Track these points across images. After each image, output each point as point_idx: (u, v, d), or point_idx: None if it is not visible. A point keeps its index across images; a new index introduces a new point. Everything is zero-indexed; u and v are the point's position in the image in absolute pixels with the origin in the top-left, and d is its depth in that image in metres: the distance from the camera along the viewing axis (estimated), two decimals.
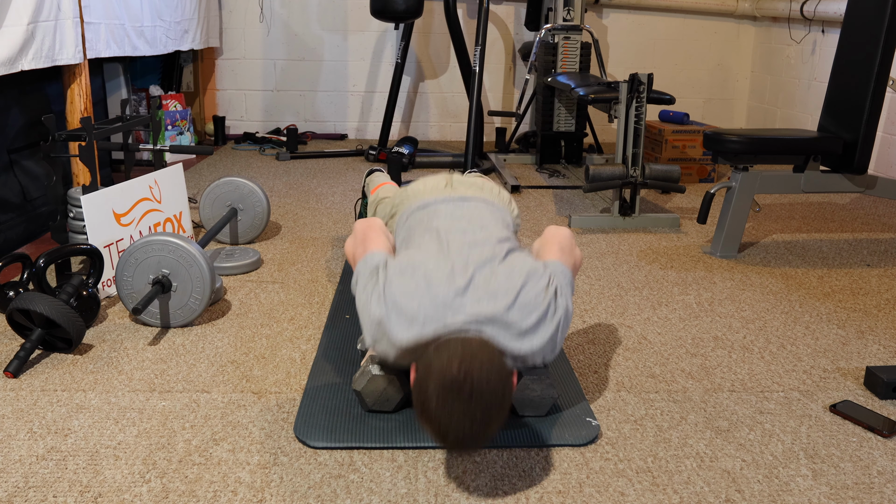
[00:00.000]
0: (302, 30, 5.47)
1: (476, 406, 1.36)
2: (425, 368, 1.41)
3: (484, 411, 1.37)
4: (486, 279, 1.60)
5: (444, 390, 1.36)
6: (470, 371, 1.37)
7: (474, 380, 1.36)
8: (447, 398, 1.36)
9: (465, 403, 1.35)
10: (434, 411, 1.37)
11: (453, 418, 1.36)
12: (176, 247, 2.15)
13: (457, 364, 1.37)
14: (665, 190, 3.59)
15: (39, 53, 2.73)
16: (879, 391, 1.86)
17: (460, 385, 1.35)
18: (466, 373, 1.36)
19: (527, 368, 1.68)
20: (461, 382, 1.36)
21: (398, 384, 1.70)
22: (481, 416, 1.37)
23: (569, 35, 4.59)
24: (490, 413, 1.37)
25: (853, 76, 2.90)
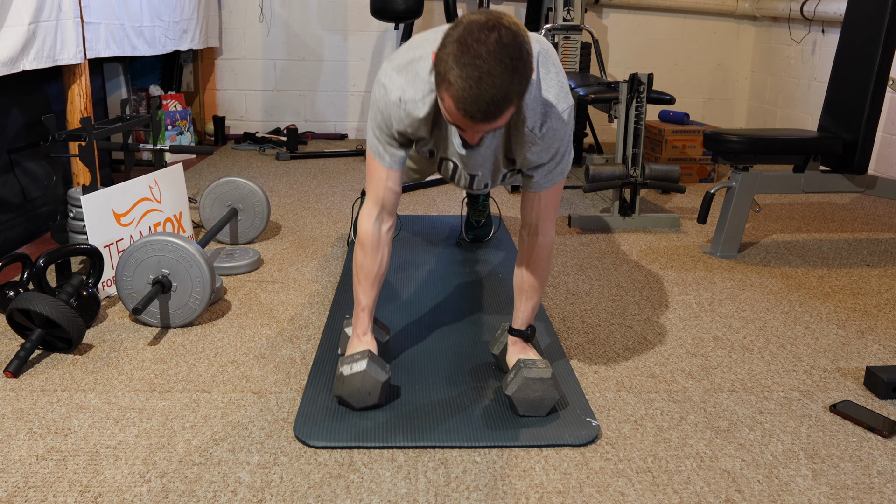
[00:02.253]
0: (302, 30, 5.47)
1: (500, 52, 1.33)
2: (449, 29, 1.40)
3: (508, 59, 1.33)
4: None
5: (470, 30, 1.34)
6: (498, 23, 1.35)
7: (502, 27, 1.34)
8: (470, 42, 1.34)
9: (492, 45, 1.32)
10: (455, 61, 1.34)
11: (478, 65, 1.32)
12: (176, 247, 2.15)
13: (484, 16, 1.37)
14: (665, 190, 3.59)
15: (40, 53, 2.73)
16: (879, 391, 1.86)
17: (487, 30, 1.34)
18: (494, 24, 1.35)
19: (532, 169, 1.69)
20: (488, 28, 1.34)
21: (371, 375, 1.69)
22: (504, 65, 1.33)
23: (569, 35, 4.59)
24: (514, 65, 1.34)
25: (853, 76, 2.90)
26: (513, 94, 1.37)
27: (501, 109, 1.37)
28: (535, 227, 1.80)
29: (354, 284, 1.82)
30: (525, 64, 1.37)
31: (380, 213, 1.78)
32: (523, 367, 1.71)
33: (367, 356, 1.72)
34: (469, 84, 1.34)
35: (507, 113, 1.40)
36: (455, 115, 1.41)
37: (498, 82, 1.34)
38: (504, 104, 1.37)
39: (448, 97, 1.38)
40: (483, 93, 1.34)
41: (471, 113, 1.37)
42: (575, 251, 3.02)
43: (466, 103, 1.35)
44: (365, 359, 1.71)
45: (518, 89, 1.37)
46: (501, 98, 1.35)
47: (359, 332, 1.83)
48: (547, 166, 1.70)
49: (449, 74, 1.36)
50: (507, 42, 1.35)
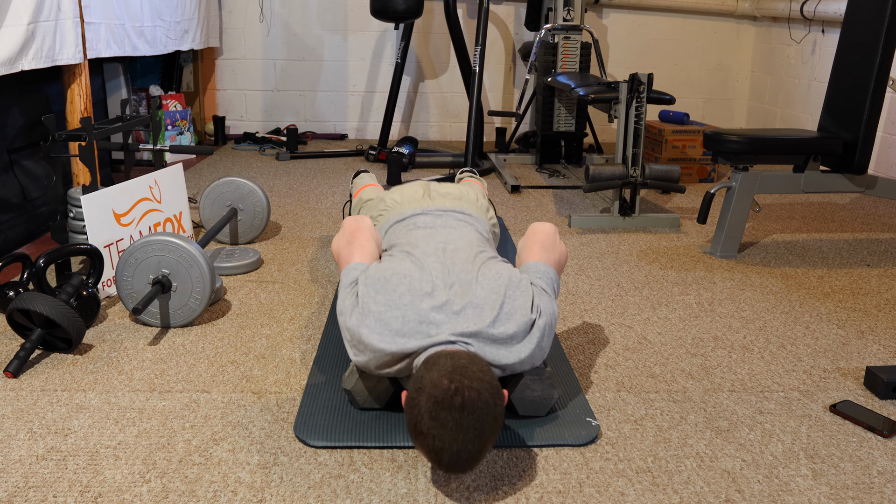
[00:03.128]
0: (302, 30, 5.47)
1: (468, 419, 1.35)
2: (416, 386, 1.41)
3: (476, 424, 1.36)
4: (467, 292, 1.62)
5: (435, 405, 1.36)
6: (461, 385, 1.37)
7: (465, 393, 1.36)
8: (439, 412, 1.35)
9: (457, 416, 1.35)
10: (426, 428, 1.36)
11: (446, 433, 1.35)
12: (176, 247, 2.15)
13: (447, 379, 1.38)
14: (665, 190, 3.59)
15: (40, 53, 2.73)
16: (879, 391, 1.86)
17: (451, 399, 1.35)
18: (458, 387, 1.36)
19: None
20: (452, 395, 1.36)
21: (387, 381, 1.71)
22: (474, 430, 1.36)
23: (569, 35, 4.59)
24: (483, 426, 1.37)
25: (853, 76, 2.90)
26: (486, 447, 1.40)
27: (475, 463, 1.40)
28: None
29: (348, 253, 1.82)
30: (494, 419, 1.39)
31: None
32: None
33: None
34: (440, 444, 1.36)
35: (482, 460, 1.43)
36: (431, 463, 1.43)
37: (471, 446, 1.37)
38: (479, 458, 1.40)
39: (421, 447, 1.40)
40: (457, 455, 1.37)
41: (445, 467, 1.40)
42: (575, 251, 3.02)
43: (443, 463, 1.38)
44: None
45: (489, 443, 1.40)
46: (476, 455, 1.38)
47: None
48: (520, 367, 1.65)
49: (420, 424, 1.37)
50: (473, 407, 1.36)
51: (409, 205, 2.04)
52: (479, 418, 1.36)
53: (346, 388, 1.72)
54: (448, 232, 1.83)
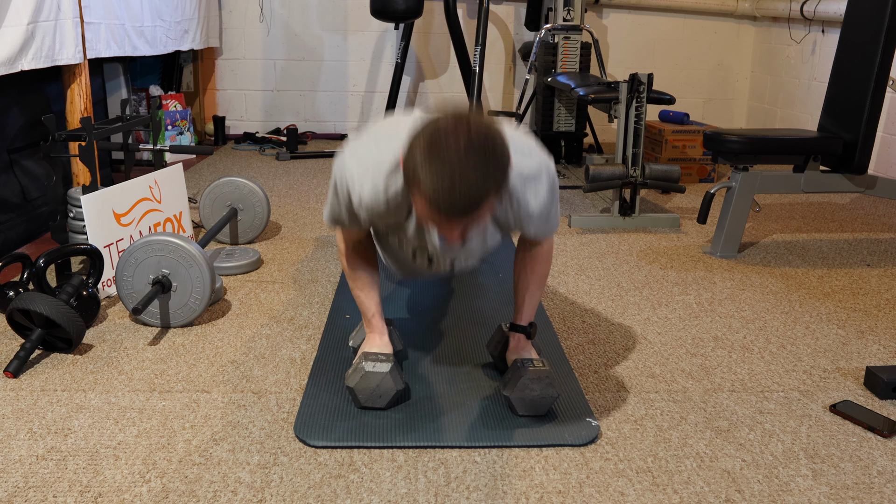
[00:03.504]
0: (302, 30, 5.47)
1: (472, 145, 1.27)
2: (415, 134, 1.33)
3: (480, 151, 1.28)
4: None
5: (435, 133, 1.29)
6: (464, 118, 1.30)
7: (469, 122, 1.29)
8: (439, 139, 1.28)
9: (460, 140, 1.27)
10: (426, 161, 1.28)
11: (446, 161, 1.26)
12: (176, 247, 2.14)
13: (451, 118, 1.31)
14: (665, 190, 3.59)
15: (39, 53, 2.73)
16: (879, 391, 1.86)
17: (454, 126, 1.28)
18: (460, 119, 1.30)
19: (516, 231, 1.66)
20: (455, 124, 1.29)
21: (391, 381, 1.70)
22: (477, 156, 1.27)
23: (569, 35, 4.59)
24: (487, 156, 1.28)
25: (853, 76, 2.90)
26: (489, 190, 1.31)
27: (479, 204, 1.31)
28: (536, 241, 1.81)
29: (356, 295, 1.83)
30: (499, 158, 1.31)
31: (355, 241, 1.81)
32: (521, 366, 1.71)
33: (392, 360, 1.73)
34: (442, 183, 1.27)
35: (486, 208, 1.34)
36: (430, 214, 1.34)
37: (472, 179, 1.28)
38: (481, 200, 1.30)
39: (421, 198, 1.31)
40: (458, 190, 1.28)
41: (447, 210, 1.30)
42: (575, 251, 3.02)
43: (441, 202, 1.29)
44: (390, 363, 1.72)
45: (494, 184, 1.31)
46: (478, 194, 1.29)
47: (375, 334, 1.83)
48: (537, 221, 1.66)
49: (420, 174, 1.30)
50: (478, 138, 1.29)
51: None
52: (482, 147, 1.28)
53: (349, 386, 1.72)
54: None
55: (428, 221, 1.37)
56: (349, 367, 1.94)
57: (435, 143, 1.29)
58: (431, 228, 1.56)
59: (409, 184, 1.34)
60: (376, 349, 1.80)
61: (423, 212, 1.35)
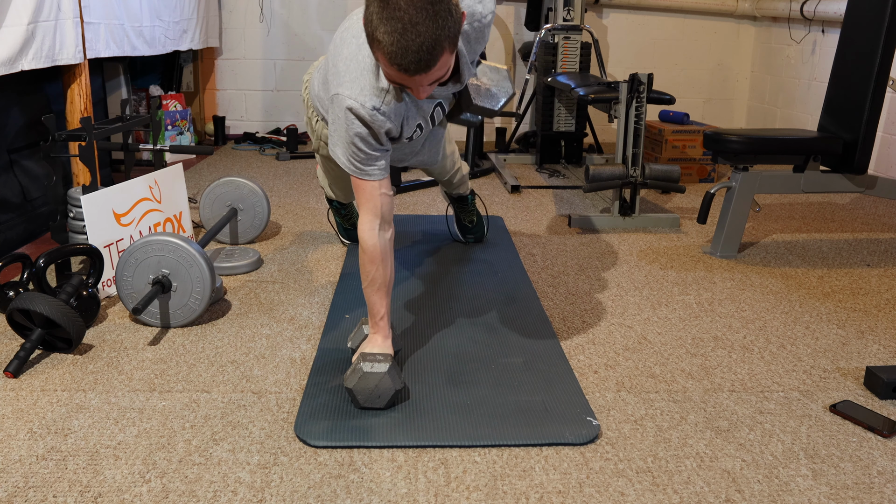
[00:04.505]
0: (302, 30, 5.47)
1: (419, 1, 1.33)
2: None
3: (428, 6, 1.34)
4: None
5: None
6: None
7: None
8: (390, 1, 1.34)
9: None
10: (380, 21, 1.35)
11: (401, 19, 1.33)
12: (176, 247, 2.15)
13: None
14: (665, 190, 3.59)
15: (39, 53, 2.73)
16: (879, 391, 1.86)
17: None
18: None
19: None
20: None
21: (389, 381, 1.70)
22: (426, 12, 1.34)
23: (569, 35, 4.59)
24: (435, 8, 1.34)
25: (853, 76, 2.90)
26: (442, 38, 1.36)
27: (434, 56, 1.36)
28: None
29: (369, 294, 1.83)
30: (447, 6, 1.36)
31: (380, 223, 1.80)
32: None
33: (389, 361, 1.73)
34: (395, 37, 1.34)
35: (443, 61, 1.40)
36: (392, 72, 1.41)
37: (422, 29, 1.33)
38: (435, 51, 1.36)
39: (381, 56, 1.38)
40: (411, 43, 1.34)
41: (404, 66, 1.37)
42: (575, 251, 3.02)
43: (398, 57, 1.35)
44: (388, 363, 1.72)
45: (447, 33, 1.37)
46: (430, 45, 1.35)
47: (379, 335, 1.84)
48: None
49: (376, 33, 1.37)
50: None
51: None
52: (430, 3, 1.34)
53: (348, 387, 1.72)
54: None
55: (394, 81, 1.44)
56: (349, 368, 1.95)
57: (386, 4, 1.35)
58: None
59: (371, 45, 1.40)
60: (376, 350, 1.80)
61: (386, 69, 1.42)
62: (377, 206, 1.78)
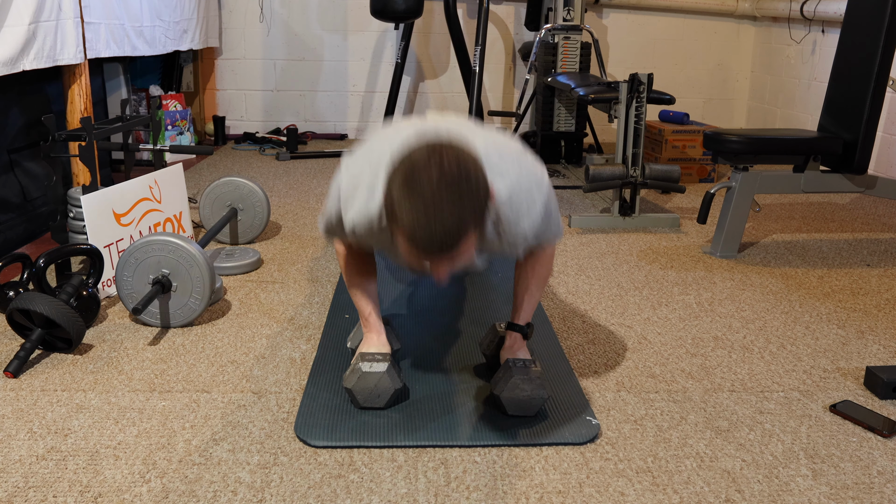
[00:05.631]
0: (302, 30, 5.47)
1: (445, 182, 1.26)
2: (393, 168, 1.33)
3: (455, 188, 1.26)
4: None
5: (411, 170, 1.27)
6: (440, 150, 1.29)
7: (443, 155, 1.28)
8: (414, 176, 1.27)
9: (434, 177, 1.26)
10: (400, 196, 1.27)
11: (421, 200, 1.25)
12: (176, 247, 2.15)
13: (425, 150, 1.30)
14: (665, 190, 3.59)
15: (41, 53, 2.73)
16: (879, 391, 1.86)
17: (427, 161, 1.27)
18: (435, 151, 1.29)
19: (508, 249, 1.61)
20: (428, 158, 1.27)
21: (388, 380, 1.70)
22: (452, 195, 1.26)
23: (569, 35, 4.59)
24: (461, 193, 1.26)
25: (853, 76, 2.90)
26: (467, 223, 1.28)
27: (458, 241, 1.28)
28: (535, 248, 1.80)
29: (353, 294, 1.83)
30: (474, 187, 1.29)
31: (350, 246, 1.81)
32: (513, 366, 1.71)
33: (388, 360, 1.73)
34: (419, 220, 1.26)
35: (467, 243, 1.32)
36: (412, 254, 1.32)
37: (447, 214, 1.26)
38: (459, 235, 1.28)
39: (401, 236, 1.31)
40: (435, 227, 1.26)
41: (426, 248, 1.28)
42: (575, 251, 3.02)
43: (419, 240, 1.28)
44: (387, 362, 1.72)
45: (472, 216, 1.29)
46: (455, 229, 1.27)
47: (373, 334, 1.83)
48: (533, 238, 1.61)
49: (397, 210, 1.29)
50: (450, 169, 1.28)
51: None
52: (457, 183, 1.26)
53: (347, 387, 1.72)
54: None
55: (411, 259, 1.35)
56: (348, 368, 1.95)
57: (409, 180, 1.28)
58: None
59: (389, 220, 1.33)
60: (373, 349, 1.80)
61: (404, 249, 1.34)
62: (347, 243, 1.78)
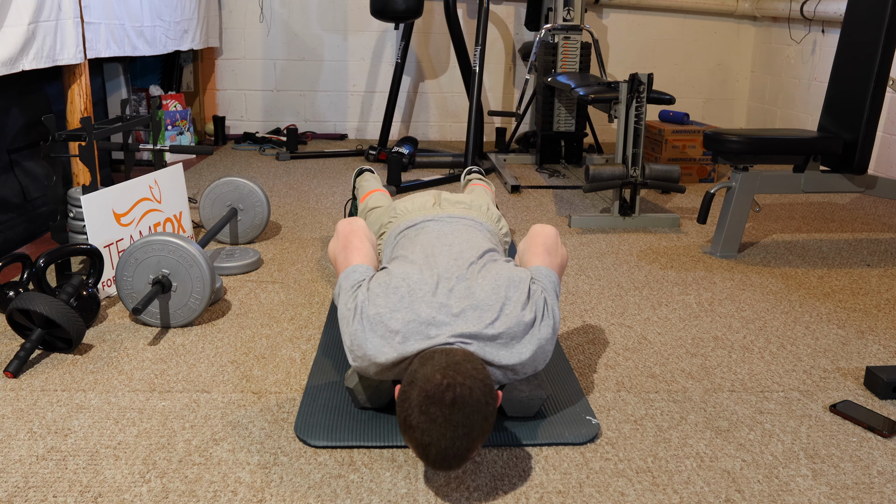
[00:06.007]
0: (302, 30, 5.47)
1: (458, 415, 1.35)
2: (409, 380, 1.40)
3: (466, 421, 1.35)
4: (470, 292, 1.60)
5: (426, 399, 1.35)
6: (453, 380, 1.36)
7: (457, 388, 1.36)
8: (429, 407, 1.35)
9: (447, 412, 1.34)
10: (416, 422, 1.36)
11: (435, 428, 1.35)
12: (176, 247, 2.15)
13: (440, 374, 1.37)
14: (665, 190, 3.59)
15: (40, 53, 2.73)
16: (879, 391, 1.86)
17: (442, 394, 1.35)
18: (449, 382, 1.36)
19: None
20: (443, 391, 1.35)
21: (389, 382, 1.70)
22: (464, 427, 1.35)
23: (569, 35, 4.59)
24: (472, 424, 1.36)
25: (853, 76, 2.90)
26: (474, 446, 1.38)
27: (462, 461, 1.39)
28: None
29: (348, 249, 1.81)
30: (485, 417, 1.38)
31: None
32: None
33: None
34: (431, 442, 1.35)
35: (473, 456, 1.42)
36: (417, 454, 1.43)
37: (459, 444, 1.36)
38: (465, 457, 1.38)
39: (410, 441, 1.39)
40: (445, 451, 1.36)
41: (435, 465, 1.39)
42: (575, 251, 3.02)
43: (429, 459, 1.38)
44: None
45: (480, 437, 1.39)
46: (464, 453, 1.37)
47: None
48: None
49: (410, 418, 1.37)
50: (464, 404, 1.35)
51: (420, 212, 2.04)
52: (469, 415, 1.35)
53: (348, 387, 1.72)
54: (455, 236, 1.83)
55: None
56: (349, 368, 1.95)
57: (424, 406, 1.36)
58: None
59: (403, 429, 1.40)
60: None
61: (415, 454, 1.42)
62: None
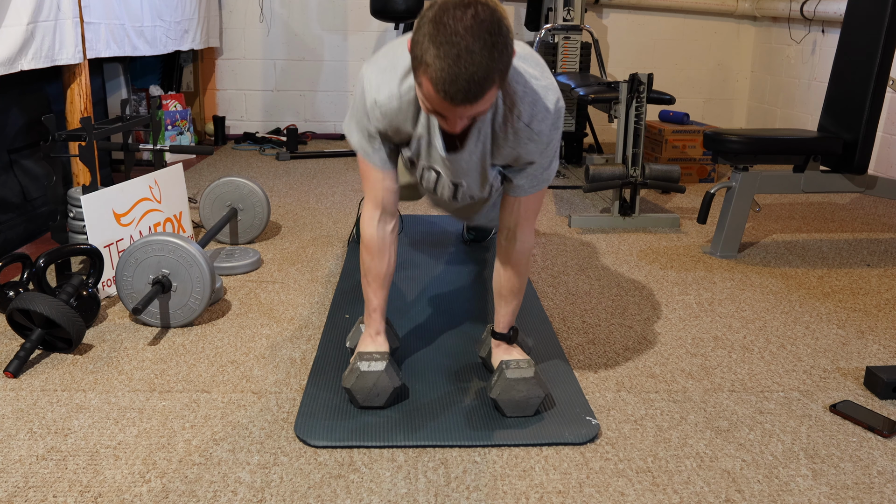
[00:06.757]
0: (302, 30, 5.47)
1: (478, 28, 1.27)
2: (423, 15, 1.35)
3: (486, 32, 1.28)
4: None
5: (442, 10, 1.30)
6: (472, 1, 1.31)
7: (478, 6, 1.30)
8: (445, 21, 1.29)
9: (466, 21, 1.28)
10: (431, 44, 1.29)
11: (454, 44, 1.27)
12: (176, 247, 2.15)
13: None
14: (665, 190, 3.59)
15: (39, 53, 2.73)
16: (879, 391, 1.86)
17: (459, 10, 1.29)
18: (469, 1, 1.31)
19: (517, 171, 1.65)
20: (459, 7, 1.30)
21: (387, 379, 1.70)
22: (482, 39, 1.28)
23: (569, 35, 4.59)
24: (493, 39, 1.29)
25: (853, 76, 2.90)
26: (494, 71, 1.31)
27: (483, 89, 1.31)
28: (514, 232, 1.76)
29: (364, 286, 1.82)
30: (504, 40, 1.31)
31: (381, 214, 1.76)
32: (505, 368, 1.71)
33: (387, 359, 1.73)
34: (447, 63, 1.28)
35: (489, 95, 1.34)
36: (434, 98, 1.34)
37: (477, 59, 1.28)
38: (485, 83, 1.30)
39: (426, 79, 1.32)
40: (462, 71, 1.28)
41: (451, 94, 1.30)
42: (575, 251, 3.02)
43: (446, 83, 1.29)
44: (385, 360, 1.72)
45: (499, 67, 1.31)
46: (482, 76, 1.29)
47: (372, 331, 1.82)
48: (535, 168, 1.67)
49: (426, 56, 1.30)
50: (485, 18, 1.29)
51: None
52: (488, 28, 1.28)
53: (346, 387, 1.72)
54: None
55: (431, 108, 1.37)
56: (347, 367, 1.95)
57: (440, 24, 1.29)
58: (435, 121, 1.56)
59: (416, 68, 1.34)
60: (372, 348, 1.80)
61: (428, 94, 1.35)
62: (378, 197, 1.74)
